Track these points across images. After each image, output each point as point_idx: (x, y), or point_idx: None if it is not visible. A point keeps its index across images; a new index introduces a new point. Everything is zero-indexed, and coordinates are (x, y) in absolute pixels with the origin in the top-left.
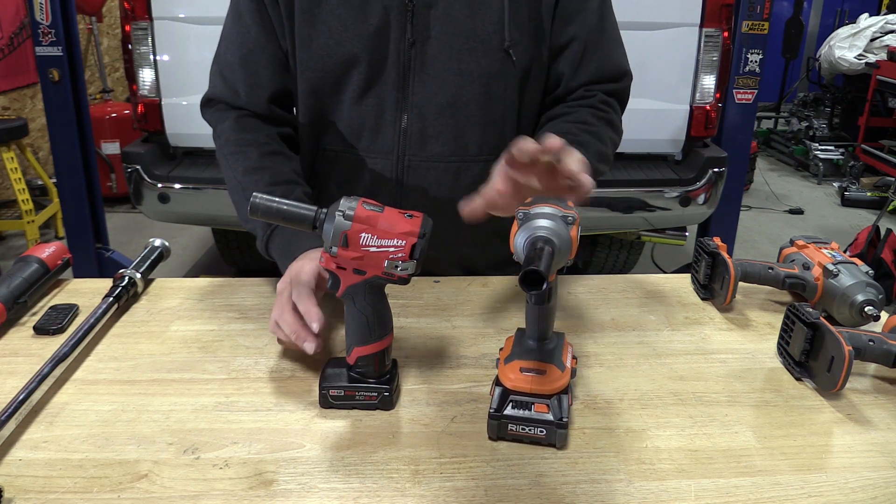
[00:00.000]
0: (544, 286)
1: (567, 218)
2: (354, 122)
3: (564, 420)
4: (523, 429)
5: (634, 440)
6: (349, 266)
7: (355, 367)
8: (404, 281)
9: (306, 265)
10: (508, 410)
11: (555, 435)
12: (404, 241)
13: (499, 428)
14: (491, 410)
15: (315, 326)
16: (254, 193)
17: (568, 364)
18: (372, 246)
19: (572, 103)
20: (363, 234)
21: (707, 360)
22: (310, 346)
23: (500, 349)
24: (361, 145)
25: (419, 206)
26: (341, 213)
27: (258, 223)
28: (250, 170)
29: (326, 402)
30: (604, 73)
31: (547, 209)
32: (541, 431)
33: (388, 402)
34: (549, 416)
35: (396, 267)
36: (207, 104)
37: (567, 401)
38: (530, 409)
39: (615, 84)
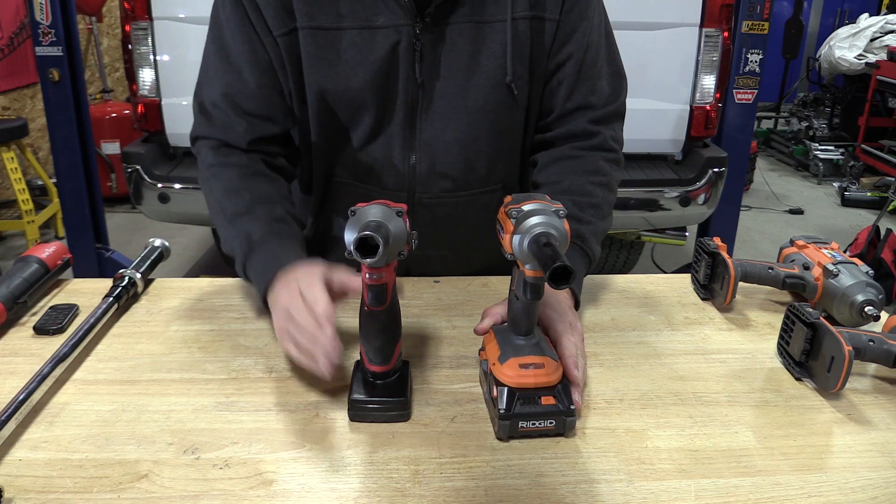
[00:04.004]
0: (571, 278)
1: (559, 212)
2: (363, 162)
3: (573, 407)
4: (533, 423)
5: (634, 440)
6: (394, 265)
7: (393, 370)
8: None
9: (308, 269)
10: (518, 408)
11: (564, 423)
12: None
13: (510, 427)
14: (501, 411)
15: (329, 331)
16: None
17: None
18: (409, 231)
19: (580, 144)
20: (407, 222)
21: (707, 360)
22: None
23: (481, 350)
24: (371, 180)
25: (430, 236)
26: (395, 214)
27: (237, 245)
28: (230, 190)
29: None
30: (601, 93)
31: (537, 206)
32: (550, 423)
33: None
34: (558, 406)
35: (414, 242)
36: (196, 140)
37: (569, 388)
38: (538, 403)
39: (612, 105)
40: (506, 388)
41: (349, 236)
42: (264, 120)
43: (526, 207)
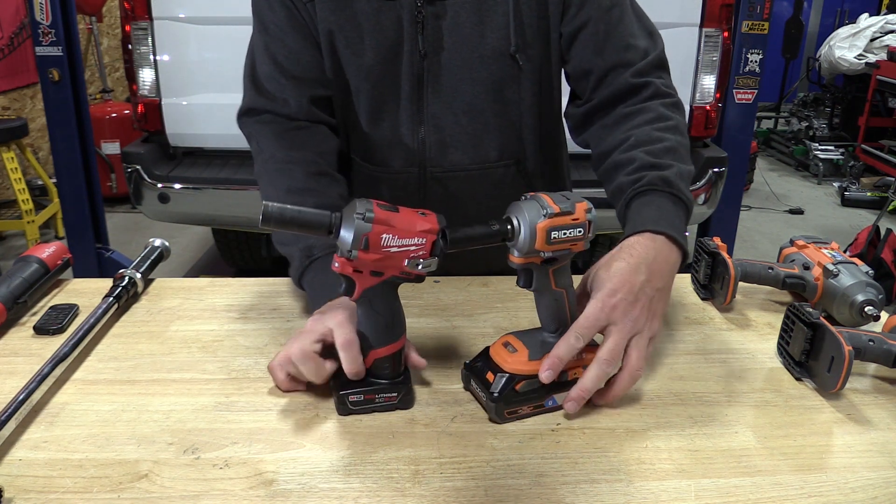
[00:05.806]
0: (446, 243)
1: (543, 211)
2: (373, 139)
3: (494, 394)
4: (476, 388)
5: (634, 440)
6: (367, 269)
7: (372, 371)
8: (420, 279)
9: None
10: (475, 367)
11: (487, 406)
12: (424, 239)
13: (464, 378)
14: (466, 362)
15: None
16: (265, 202)
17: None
18: (393, 246)
19: (632, 101)
20: (384, 235)
21: (707, 360)
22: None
23: None
24: (378, 160)
25: (443, 213)
26: (360, 216)
27: (296, 250)
28: (294, 190)
29: (345, 409)
30: (636, 48)
31: (531, 197)
32: (482, 396)
33: (408, 400)
34: (489, 387)
35: (417, 265)
36: (247, 114)
37: (513, 384)
38: (485, 376)
39: (651, 56)
40: (486, 349)
41: None
42: (314, 83)
43: (530, 196)
